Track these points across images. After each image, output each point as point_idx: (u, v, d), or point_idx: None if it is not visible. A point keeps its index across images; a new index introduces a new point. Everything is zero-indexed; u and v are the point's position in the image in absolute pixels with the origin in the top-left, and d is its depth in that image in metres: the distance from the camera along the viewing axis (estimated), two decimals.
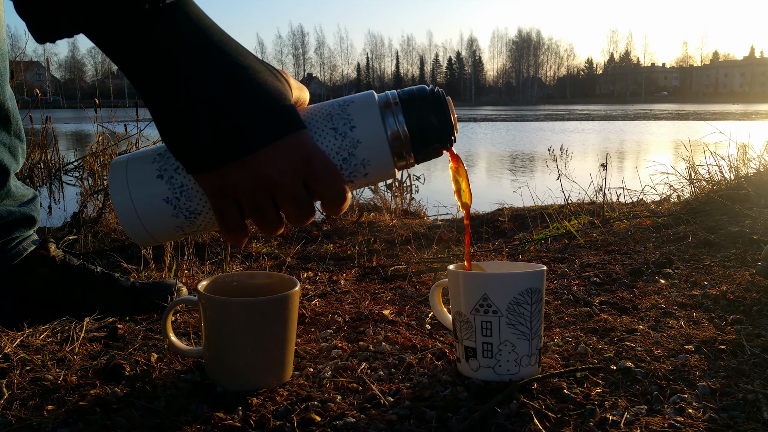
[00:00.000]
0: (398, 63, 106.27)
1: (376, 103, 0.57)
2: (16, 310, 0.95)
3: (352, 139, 0.56)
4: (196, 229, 0.59)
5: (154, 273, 1.29)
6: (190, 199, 0.56)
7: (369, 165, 0.57)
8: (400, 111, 0.57)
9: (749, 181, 1.88)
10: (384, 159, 0.57)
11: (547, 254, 1.47)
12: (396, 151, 0.57)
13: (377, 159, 0.57)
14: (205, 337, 0.72)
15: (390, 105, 0.57)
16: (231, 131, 0.51)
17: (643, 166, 3.69)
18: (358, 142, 0.56)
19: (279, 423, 0.62)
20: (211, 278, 0.77)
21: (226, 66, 0.51)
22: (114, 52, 0.51)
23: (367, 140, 0.56)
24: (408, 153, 0.58)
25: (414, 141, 0.57)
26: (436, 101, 0.58)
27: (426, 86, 0.60)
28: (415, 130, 0.57)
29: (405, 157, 0.58)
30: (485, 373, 0.71)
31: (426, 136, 0.58)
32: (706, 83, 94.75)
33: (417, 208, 2.93)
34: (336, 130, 0.56)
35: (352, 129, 0.56)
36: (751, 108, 31.58)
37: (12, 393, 0.69)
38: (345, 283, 1.25)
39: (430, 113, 0.58)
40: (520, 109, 44.39)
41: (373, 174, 0.58)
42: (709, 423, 0.61)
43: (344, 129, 0.56)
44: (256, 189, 0.53)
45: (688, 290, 1.07)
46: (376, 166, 0.57)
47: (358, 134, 0.56)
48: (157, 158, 0.57)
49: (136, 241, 0.58)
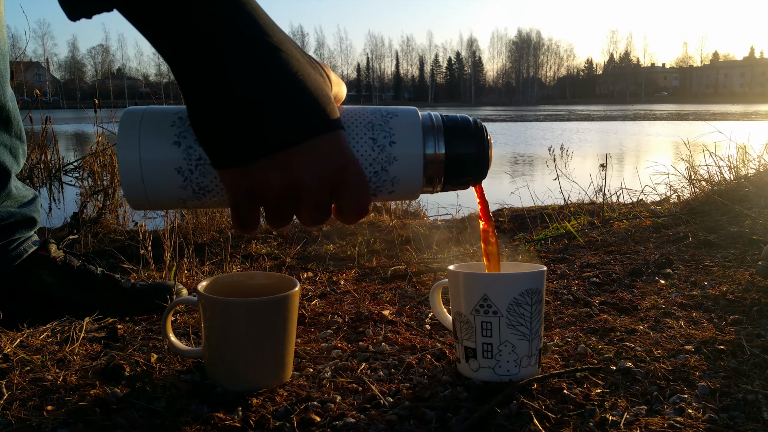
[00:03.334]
0: (398, 63, 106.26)
1: (419, 122, 0.56)
2: (17, 311, 0.95)
3: (389, 154, 0.54)
4: (200, 206, 0.56)
5: (154, 273, 1.29)
6: (204, 174, 0.52)
7: (398, 183, 0.55)
8: (441, 136, 0.55)
9: (749, 182, 1.88)
10: (414, 181, 0.55)
11: (547, 254, 1.47)
12: (428, 175, 0.56)
13: (408, 179, 0.55)
14: (205, 337, 0.72)
15: (433, 128, 0.56)
16: (266, 124, 0.47)
17: (642, 166, 3.69)
18: (395, 159, 0.54)
19: (279, 423, 0.62)
20: (211, 278, 0.77)
21: (265, 51, 0.48)
22: (148, 32, 0.47)
23: (404, 159, 0.54)
24: (438, 180, 0.56)
25: (448, 170, 0.56)
26: (479, 134, 0.57)
27: (470, 118, 0.58)
28: (453, 159, 0.56)
29: (433, 183, 0.57)
30: (485, 373, 0.71)
31: (462, 167, 0.57)
32: (706, 83, 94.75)
33: (417, 208, 2.93)
34: (375, 141, 0.54)
35: (391, 144, 0.54)
36: (751, 108, 31.58)
37: (12, 393, 0.69)
38: (345, 283, 1.25)
39: (471, 145, 0.57)
40: (520, 109, 44.42)
41: (398, 192, 0.56)
42: (709, 423, 0.61)
43: (384, 142, 0.54)
44: (284, 190, 0.49)
45: (687, 290, 1.07)
46: (404, 185, 0.56)
47: (396, 151, 0.54)
48: (178, 122, 0.53)
49: (131, 202, 0.54)
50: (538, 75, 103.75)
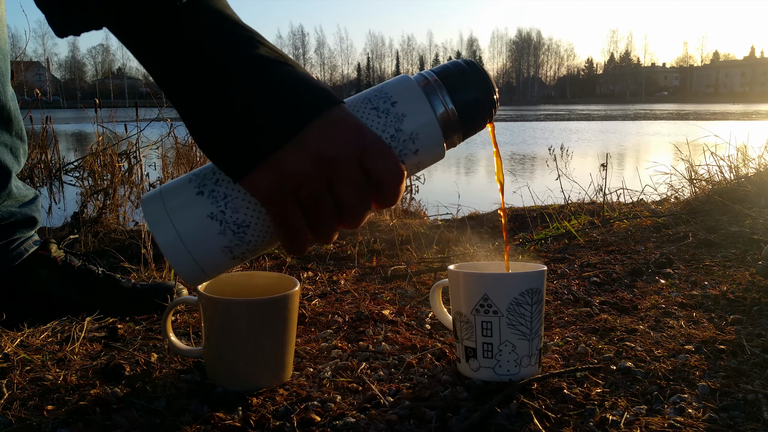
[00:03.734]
0: (398, 63, 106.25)
1: (412, 80, 0.55)
2: (17, 310, 0.95)
3: (396, 114, 0.53)
4: (247, 248, 0.53)
5: (154, 273, 1.29)
6: (236, 210, 0.51)
7: (418, 139, 0.54)
8: (443, 89, 0.55)
9: (749, 181, 1.88)
10: (434, 133, 0.54)
11: (547, 254, 1.47)
12: (446, 130, 0.55)
13: (426, 132, 0.54)
14: (205, 337, 0.72)
15: (430, 83, 0.55)
16: (276, 111, 0.47)
17: (643, 166, 3.69)
18: (403, 116, 0.53)
19: (279, 423, 0.62)
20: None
21: (253, 49, 0.48)
22: (139, 49, 0.48)
23: (412, 113, 0.53)
24: (457, 130, 0.56)
25: (463, 118, 0.55)
26: (477, 74, 0.56)
27: (460, 60, 0.57)
28: (463, 106, 0.55)
29: (453, 136, 0.56)
30: (485, 373, 0.71)
31: (474, 111, 0.56)
32: (707, 83, 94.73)
33: (417, 208, 2.93)
34: (377, 109, 0.53)
35: (393, 105, 0.53)
36: (752, 108, 31.57)
37: (12, 393, 0.69)
38: (345, 283, 1.25)
39: (474, 87, 0.56)
40: (520, 109, 44.40)
41: (423, 151, 0.54)
42: (709, 423, 0.61)
43: (385, 106, 0.53)
44: (314, 172, 0.48)
45: (688, 290, 1.07)
46: (425, 140, 0.54)
47: (401, 108, 0.53)
48: (193, 178, 0.53)
49: (190, 280, 0.53)
50: (539, 75, 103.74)
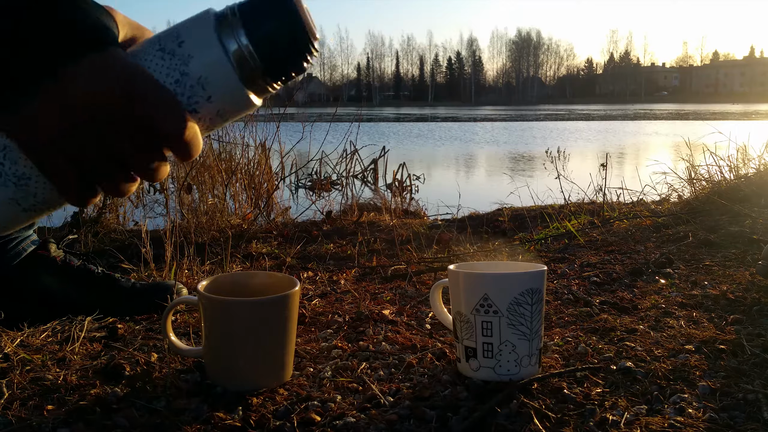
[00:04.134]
0: (398, 63, 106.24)
1: (210, 15, 0.49)
2: (17, 310, 0.95)
3: (182, 55, 0.47)
4: (35, 200, 0.49)
5: (154, 273, 1.29)
6: (14, 161, 0.47)
7: (209, 84, 0.47)
8: (239, 23, 0.48)
9: (749, 181, 1.88)
10: (226, 76, 0.47)
11: (547, 254, 1.47)
12: (244, 72, 0.48)
13: (217, 76, 0.47)
14: (205, 337, 0.72)
15: (227, 18, 0.48)
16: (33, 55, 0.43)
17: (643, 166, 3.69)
18: (189, 57, 0.47)
19: (279, 423, 0.62)
20: (211, 278, 0.77)
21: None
22: None
23: (199, 52, 0.47)
24: (261, 73, 0.49)
25: (263, 57, 0.48)
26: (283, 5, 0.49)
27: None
28: (261, 43, 0.48)
29: (258, 80, 0.49)
30: (485, 373, 0.71)
31: (277, 49, 0.49)
32: (706, 83, 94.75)
33: (417, 208, 2.93)
34: (164, 50, 0.47)
35: (180, 45, 0.47)
36: (751, 108, 31.59)
37: (12, 393, 0.69)
38: (345, 283, 1.25)
39: (276, 21, 0.48)
40: (519, 109, 44.42)
41: (218, 97, 0.48)
42: (709, 423, 0.61)
43: (172, 46, 0.47)
44: (76, 124, 0.43)
45: (688, 290, 1.07)
46: (217, 85, 0.48)
47: (187, 49, 0.47)
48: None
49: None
50: (538, 74, 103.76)
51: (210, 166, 2.82)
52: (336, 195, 4.22)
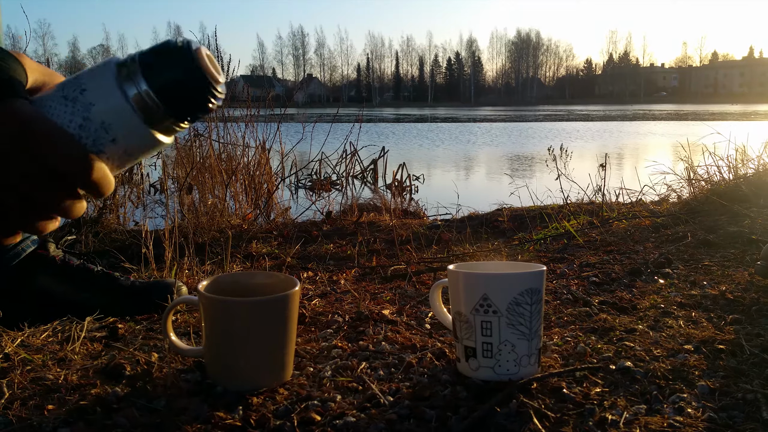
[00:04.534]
0: (398, 63, 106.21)
1: (111, 64, 0.51)
2: (17, 310, 0.95)
3: (84, 102, 0.50)
4: None
5: (154, 272, 1.29)
6: None
7: (111, 128, 0.50)
8: (138, 70, 0.51)
9: (748, 182, 1.88)
10: (127, 119, 0.50)
11: (547, 254, 1.47)
12: (147, 114, 0.51)
13: (119, 120, 0.50)
14: (206, 336, 0.72)
15: (126, 65, 0.51)
16: None
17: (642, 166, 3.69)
18: (91, 105, 0.50)
19: (279, 422, 0.63)
20: (212, 278, 0.77)
21: None
22: None
23: (100, 99, 0.50)
24: (164, 114, 0.52)
25: (165, 100, 0.51)
26: (180, 53, 0.52)
27: (173, 39, 0.53)
28: (160, 88, 0.51)
29: (163, 121, 0.52)
30: (485, 372, 0.71)
31: (175, 93, 0.52)
32: (705, 83, 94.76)
33: (417, 208, 2.93)
34: (66, 97, 0.50)
35: (82, 92, 0.50)
36: (750, 108, 31.60)
37: (13, 392, 0.69)
38: (345, 282, 1.25)
39: (173, 66, 0.51)
40: (519, 109, 44.45)
41: (123, 139, 0.51)
42: (709, 423, 0.61)
43: (74, 94, 0.50)
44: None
45: (687, 290, 1.07)
46: (120, 128, 0.50)
47: (89, 97, 0.50)
48: None
49: None
50: (538, 75, 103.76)
51: (210, 167, 2.82)
52: (336, 195, 4.23)
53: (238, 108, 3.17)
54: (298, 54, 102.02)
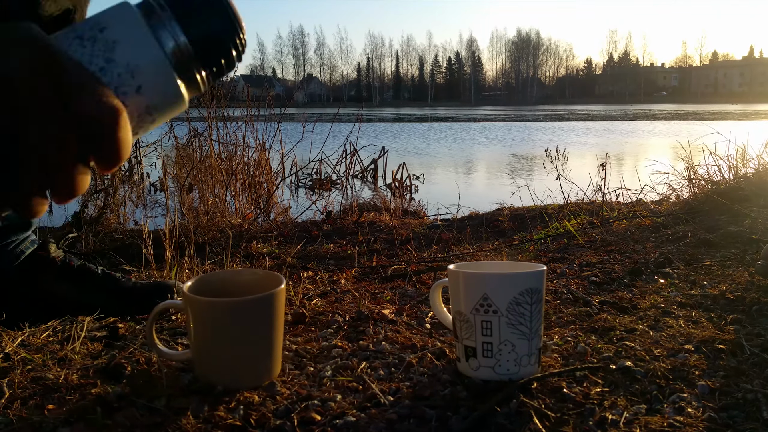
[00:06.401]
0: (398, 63, 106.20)
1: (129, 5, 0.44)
2: (17, 310, 0.95)
3: (105, 40, 0.42)
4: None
5: (154, 273, 1.29)
6: None
7: (139, 72, 0.43)
8: (173, 20, 0.45)
9: (748, 181, 1.88)
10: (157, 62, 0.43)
11: (547, 254, 1.47)
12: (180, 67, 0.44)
13: (147, 62, 0.43)
14: (191, 337, 0.72)
15: (155, 11, 0.44)
16: None
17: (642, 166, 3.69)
18: (115, 42, 0.42)
19: (279, 422, 0.63)
20: (196, 278, 0.76)
21: None
22: None
23: (126, 36, 0.43)
24: (196, 68, 0.46)
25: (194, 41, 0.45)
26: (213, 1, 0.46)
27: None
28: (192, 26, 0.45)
29: (190, 67, 0.45)
30: (485, 372, 0.71)
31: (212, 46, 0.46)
32: (706, 83, 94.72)
33: (417, 208, 2.93)
34: (82, 37, 0.42)
35: (102, 30, 0.42)
36: (751, 108, 31.61)
37: (13, 392, 0.69)
38: (345, 282, 1.25)
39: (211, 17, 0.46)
40: (519, 109, 44.47)
41: (149, 89, 0.43)
42: (709, 422, 0.61)
43: (92, 33, 0.42)
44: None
45: (687, 290, 1.07)
46: (148, 74, 0.43)
47: (111, 34, 0.42)
48: None
49: None
50: (538, 75, 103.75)
51: (211, 167, 2.82)
52: (336, 195, 4.23)
53: (238, 108, 3.17)
54: (298, 54, 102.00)
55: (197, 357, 0.72)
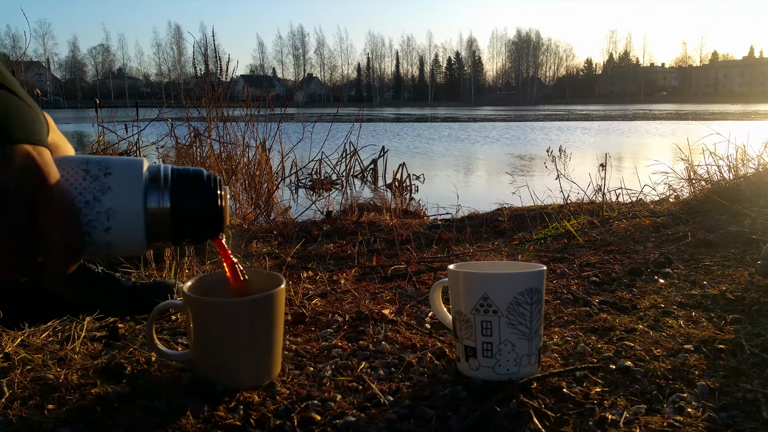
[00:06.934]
0: (398, 63, 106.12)
1: (140, 166, 0.52)
2: (17, 310, 0.95)
3: (103, 184, 0.50)
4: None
5: (154, 273, 1.29)
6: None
7: (114, 218, 0.50)
8: (167, 189, 0.52)
9: (748, 181, 1.88)
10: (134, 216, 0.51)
11: (547, 254, 1.47)
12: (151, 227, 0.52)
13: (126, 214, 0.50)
14: (191, 337, 0.72)
15: (158, 180, 0.52)
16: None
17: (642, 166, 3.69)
18: (109, 189, 0.50)
19: (279, 422, 0.63)
20: (196, 278, 0.76)
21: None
22: None
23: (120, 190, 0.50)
24: (165, 236, 0.53)
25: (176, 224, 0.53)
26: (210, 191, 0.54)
27: (204, 171, 0.56)
28: (179, 216, 0.53)
29: (160, 237, 0.53)
30: (485, 372, 0.71)
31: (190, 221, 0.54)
32: (706, 83, 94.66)
33: (417, 208, 2.93)
34: (88, 171, 0.50)
35: (106, 175, 0.50)
36: (751, 108, 31.62)
37: (13, 392, 0.69)
38: (345, 282, 1.25)
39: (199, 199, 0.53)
40: (519, 109, 44.46)
41: (116, 232, 0.51)
42: (709, 422, 0.61)
43: (97, 172, 0.50)
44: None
45: (687, 290, 1.07)
46: (122, 224, 0.51)
47: (111, 181, 0.50)
48: None
49: None
50: (538, 75, 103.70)
51: (210, 167, 2.82)
52: (336, 195, 4.23)
53: (238, 108, 3.17)
54: (298, 54, 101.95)
55: (197, 357, 0.72)
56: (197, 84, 3.33)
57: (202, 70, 3.23)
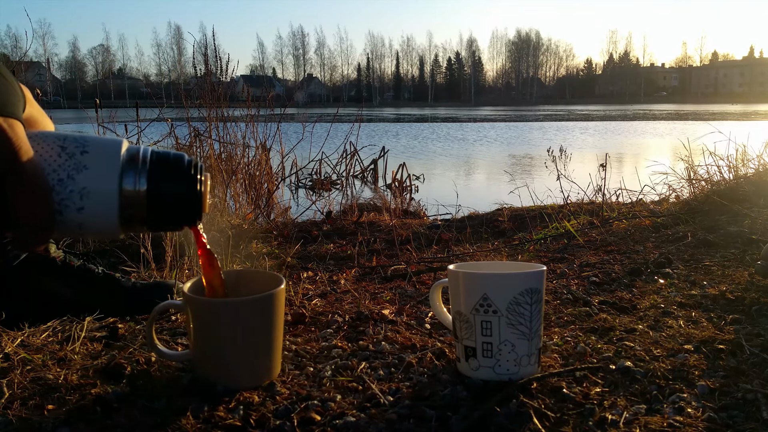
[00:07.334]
0: (398, 63, 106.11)
1: (119, 148, 0.51)
2: (17, 310, 0.95)
3: (79, 162, 0.48)
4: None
5: (154, 273, 1.29)
6: None
7: (87, 198, 0.49)
8: (145, 173, 0.50)
9: (748, 181, 1.88)
10: (107, 197, 0.49)
11: (547, 254, 1.47)
12: (125, 207, 0.50)
13: (99, 194, 0.49)
14: (191, 337, 0.72)
15: (137, 161, 0.50)
16: None
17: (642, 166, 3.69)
18: (85, 167, 0.48)
19: (279, 422, 0.63)
20: (196, 278, 0.76)
21: None
22: None
23: (96, 169, 0.49)
24: (141, 219, 0.52)
25: (151, 207, 0.51)
26: (189, 175, 0.52)
27: (185, 156, 0.54)
28: (155, 199, 0.51)
29: (134, 219, 0.51)
30: (485, 372, 0.71)
31: (166, 206, 0.52)
32: (706, 83, 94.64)
33: (417, 208, 2.93)
34: (64, 148, 0.49)
35: (83, 153, 0.49)
36: (751, 108, 31.62)
37: (13, 392, 0.69)
38: (345, 282, 1.25)
39: (178, 183, 0.52)
40: (519, 109, 44.45)
41: (89, 212, 0.49)
42: (708, 422, 0.61)
43: (74, 150, 0.49)
44: None
45: (687, 290, 1.07)
46: (95, 205, 0.49)
47: (87, 160, 0.49)
48: None
49: None
50: (538, 75, 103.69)
51: (210, 167, 2.82)
52: (336, 195, 4.23)
53: (238, 108, 3.17)
54: (298, 54, 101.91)
55: (197, 357, 0.72)
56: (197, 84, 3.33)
57: (202, 70, 3.23)
